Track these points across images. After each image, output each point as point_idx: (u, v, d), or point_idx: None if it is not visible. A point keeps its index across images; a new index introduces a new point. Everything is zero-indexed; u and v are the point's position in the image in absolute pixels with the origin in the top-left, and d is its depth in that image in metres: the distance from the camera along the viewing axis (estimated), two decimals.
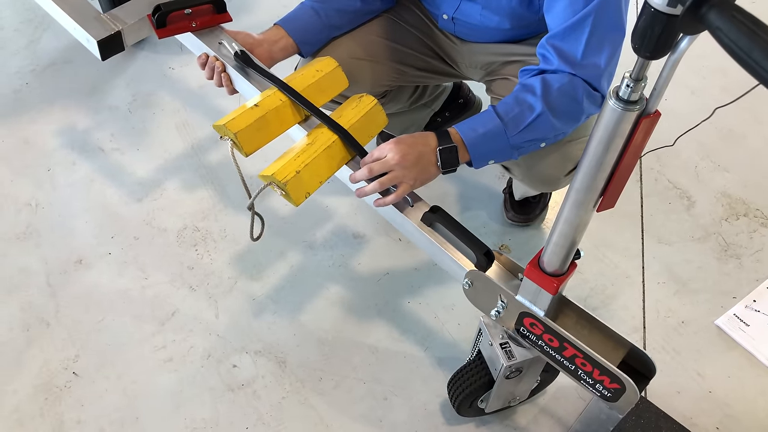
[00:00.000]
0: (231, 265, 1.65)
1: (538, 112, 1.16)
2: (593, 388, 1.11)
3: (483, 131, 1.17)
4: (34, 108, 1.98)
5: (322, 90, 1.29)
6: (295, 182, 1.13)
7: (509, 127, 1.17)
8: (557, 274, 1.04)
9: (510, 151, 1.20)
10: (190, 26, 1.36)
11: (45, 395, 1.43)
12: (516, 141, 1.18)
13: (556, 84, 1.17)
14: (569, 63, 1.17)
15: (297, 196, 1.15)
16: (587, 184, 0.90)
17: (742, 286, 1.66)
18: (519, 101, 1.18)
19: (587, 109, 1.21)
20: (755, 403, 1.46)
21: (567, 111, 1.19)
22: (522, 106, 1.17)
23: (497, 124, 1.17)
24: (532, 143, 1.22)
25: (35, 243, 1.67)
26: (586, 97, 1.18)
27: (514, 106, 1.18)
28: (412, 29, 1.47)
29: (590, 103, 1.20)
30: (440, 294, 1.61)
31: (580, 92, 1.17)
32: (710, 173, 1.90)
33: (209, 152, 1.89)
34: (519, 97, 1.18)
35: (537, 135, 1.20)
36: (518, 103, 1.18)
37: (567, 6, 1.14)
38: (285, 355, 1.50)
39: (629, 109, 0.79)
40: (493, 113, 1.18)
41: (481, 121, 1.19)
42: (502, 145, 1.19)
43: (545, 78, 1.17)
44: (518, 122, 1.17)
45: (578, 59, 1.16)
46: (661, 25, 0.68)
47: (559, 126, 1.21)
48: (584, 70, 1.17)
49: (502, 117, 1.17)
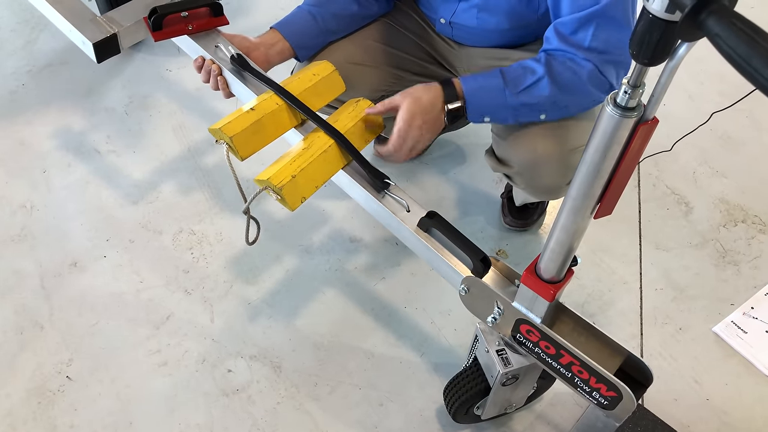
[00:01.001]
0: (226, 268, 1.64)
1: (539, 76, 1.20)
2: (590, 395, 1.10)
3: (483, 83, 1.23)
4: (30, 109, 1.97)
5: (318, 94, 1.28)
6: (290, 187, 1.12)
7: (509, 85, 1.21)
8: (554, 281, 1.03)
9: (506, 111, 1.24)
10: (187, 29, 1.35)
11: (38, 399, 1.42)
12: (513, 102, 1.22)
13: (561, 57, 1.19)
14: (576, 47, 1.18)
15: (293, 201, 1.14)
16: (584, 191, 0.89)
17: (740, 293, 1.65)
18: (523, 66, 1.23)
19: (592, 92, 1.21)
20: (753, 411, 1.46)
21: (569, 84, 1.20)
22: (525, 70, 1.22)
23: (498, 81, 1.22)
24: (531, 110, 1.24)
25: (30, 245, 1.67)
26: (590, 78, 1.19)
27: (517, 69, 1.22)
28: (410, 34, 1.46)
29: (595, 87, 1.20)
30: (437, 299, 1.60)
31: (585, 71, 1.18)
32: (708, 179, 1.90)
33: (205, 155, 1.88)
34: (523, 63, 1.23)
35: (536, 100, 1.22)
36: (521, 67, 1.22)
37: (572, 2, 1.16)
38: (280, 360, 1.49)
39: (627, 115, 0.79)
40: (498, 71, 1.23)
41: (484, 76, 1.24)
42: (499, 102, 1.23)
43: (550, 51, 1.21)
44: (518, 82, 1.21)
45: (585, 45, 1.18)
46: (660, 31, 0.67)
47: (561, 98, 1.22)
48: (591, 54, 1.18)
49: (504, 75, 1.22)
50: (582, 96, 1.23)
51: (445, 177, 1.86)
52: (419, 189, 1.83)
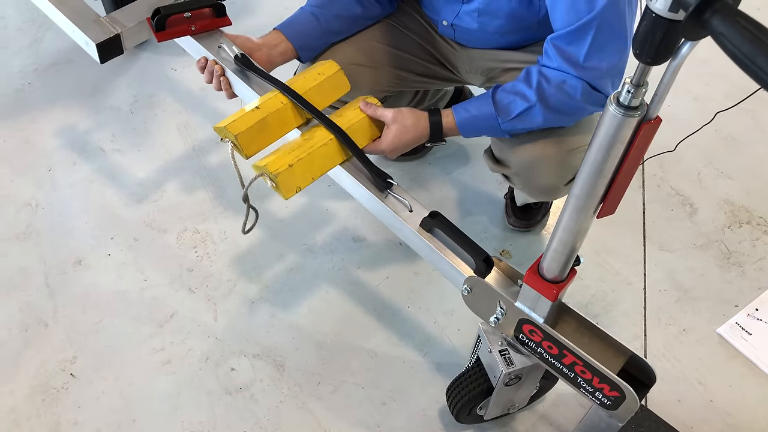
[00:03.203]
0: (230, 267, 1.65)
1: (530, 104, 1.21)
2: (593, 396, 1.10)
3: (476, 113, 1.25)
4: (36, 108, 1.98)
5: (323, 93, 1.28)
6: (286, 175, 1.13)
7: (501, 113, 1.23)
8: (557, 280, 1.03)
9: (501, 133, 1.27)
10: (190, 30, 1.35)
11: (42, 396, 1.42)
12: (507, 127, 1.25)
13: (554, 79, 1.19)
14: (571, 64, 1.17)
15: (287, 189, 1.15)
16: (587, 190, 0.89)
17: (744, 294, 1.65)
18: (515, 90, 1.22)
19: (587, 108, 1.22)
20: (757, 413, 1.45)
21: (562, 107, 1.21)
22: (516, 96, 1.22)
23: (490, 108, 1.24)
24: (526, 129, 1.27)
25: (35, 243, 1.67)
26: (584, 96, 1.19)
27: (509, 94, 1.23)
28: (413, 35, 1.46)
29: (590, 102, 1.21)
30: (440, 299, 1.60)
31: (579, 91, 1.18)
32: (713, 180, 1.89)
33: (210, 154, 1.88)
34: (516, 86, 1.22)
35: (528, 125, 1.25)
36: (513, 92, 1.22)
37: (569, 8, 1.14)
38: (283, 358, 1.50)
39: (630, 115, 0.79)
40: (489, 97, 1.24)
41: (477, 104, 1.26)
42: (492, 126, 1.26)
43: (543, 71, 1.20)
44: (509, 110, 1.23)
45: (580, 62, 1.16)
46: (663, 30, 0.67)
47: (554, 119, 1.24)
48: (586, 72, 1.17)
49: (496, 102, 1.23)
50: (578, 113, 1.26)
51: (449, 177, 1.86)
52: (422, 189, 1.83)
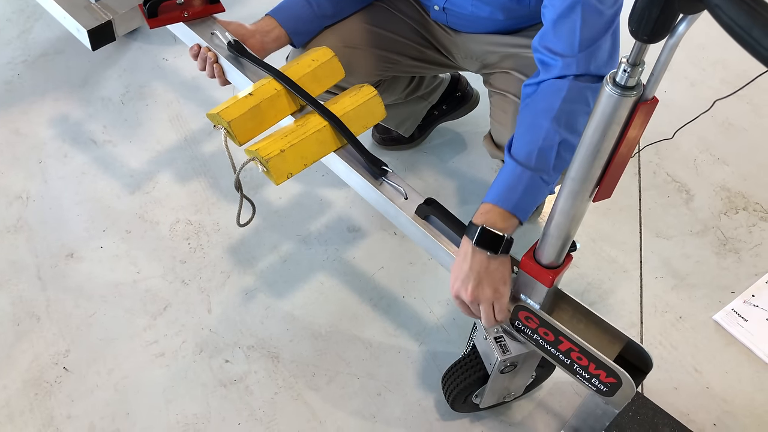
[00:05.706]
0: (224, 258, 1.63)
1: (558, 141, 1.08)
2: (589, 382, 1.09)
3: (522, 188, 1.07)
4: (26, 99, 1.95)
5: (317, 80, 1.27)
6: (277, 160, 1.12)
7: (543, 172, 1.08)
8: (553, 266, 1.02)
9: (548, 189, 1.12)
10: (182, 16, 1.34)
11: (35, 390, 1.41)
12: (550, 179, 1.10)
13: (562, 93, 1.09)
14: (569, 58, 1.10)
15: (278, 175, 1.14)
16: (583, 173, 0.88)
17: (740, 280, 1.64)
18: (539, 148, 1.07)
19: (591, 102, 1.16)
20: (753, 399, 1.45)
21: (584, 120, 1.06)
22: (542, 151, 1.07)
23: (529, 174, 1.07)
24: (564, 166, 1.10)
25: (26, 236, 1.65)
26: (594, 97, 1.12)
27: (533, 150, 1.07)
28: (406, 18, 1.45)
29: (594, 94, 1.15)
30: (435, 289, 1.59)
31: (588, 93, 1.10)
32: (709, 166, 1.89)
33: (203, 144, 1.87)
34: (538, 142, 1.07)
35: (567, 161, 1.06)
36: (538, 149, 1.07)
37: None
38: (278, 350, 1.48)
39: (626, 94, 0.78)
40: (517, 167, 1.07)
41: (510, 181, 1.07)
42: (541, 189, 1.10)
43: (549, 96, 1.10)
44: (545, 161, 1.08)
45: (576, 50, 1.12)
46: (659, 6, 0.66)
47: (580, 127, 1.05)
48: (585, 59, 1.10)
49: (527, 165, 1.07)
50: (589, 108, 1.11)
51: (444, 165, 1.85)
52: (417, 177, 1.82)
